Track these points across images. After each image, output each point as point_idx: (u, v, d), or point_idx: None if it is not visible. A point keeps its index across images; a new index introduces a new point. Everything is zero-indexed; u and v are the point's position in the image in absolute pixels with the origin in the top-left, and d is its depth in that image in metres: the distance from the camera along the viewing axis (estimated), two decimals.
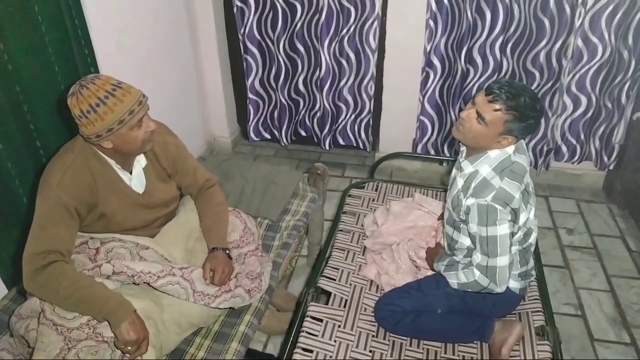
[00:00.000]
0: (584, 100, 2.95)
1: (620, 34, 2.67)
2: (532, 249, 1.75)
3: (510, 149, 1.58)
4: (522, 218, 1.58)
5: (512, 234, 1.59)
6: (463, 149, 1.71)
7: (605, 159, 3.03)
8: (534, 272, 1.80)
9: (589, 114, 2.99)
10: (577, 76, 2.88)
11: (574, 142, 3.10)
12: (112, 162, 1.57)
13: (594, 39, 2.73)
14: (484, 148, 1.59)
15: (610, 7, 2.62)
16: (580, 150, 3.12)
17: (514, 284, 1.72)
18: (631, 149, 2.90)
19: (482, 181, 1.57)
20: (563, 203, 3.15)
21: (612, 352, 2.19)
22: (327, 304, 1.81)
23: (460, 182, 1.66)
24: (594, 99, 2.93)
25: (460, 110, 2.95)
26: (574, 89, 2.92)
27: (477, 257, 1.59)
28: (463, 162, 1.66)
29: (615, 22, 2.65)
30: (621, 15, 2.63)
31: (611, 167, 3.07)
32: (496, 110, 1.49)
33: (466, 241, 1.68)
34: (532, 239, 1.71)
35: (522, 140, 1.65)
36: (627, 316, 2.35)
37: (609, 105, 2.89)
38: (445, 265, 1.72)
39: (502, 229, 1.53)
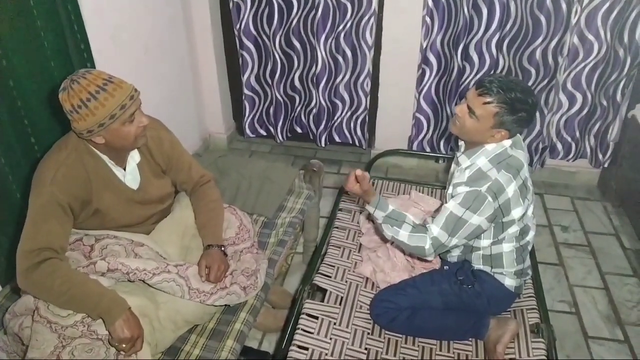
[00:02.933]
0: (579, 97, 2.96)
1: (615, 32, 2.68)
2: (529, 247, 1.76)
3: (507, 143, 1.59)
4: (517, 212, 1.58)
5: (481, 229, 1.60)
6: (461, 143, 1.71)
7: (600, 156, 3.04)
8: (530, 272, 1.81)
9: (585, 112, 3.00)
10: (572, 74, 2.88)
11: (569, 139, 3.11)
12: (105, 158, 1.56)
13: (590, 37, 2.74)
14: (479, 142, 1.60)
15: (606, 5, 2.62)
16: (575, 148, 3.13)
17: (510, 282, 1.72)
18: (626, 146, 2.91)
19: (477, 171, 1.58)
20: (558, 200, 3.16)
21: (606, 349, 2.20)
22: (322, 301, 1.81)
23: (457, 177, 1.66)
24: (589, 96, 2.94)
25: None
26: (569, 86, 2.93)
27: (435, 230, 1.58)
28: (460, 156, 1.67)
29: (611, 20, 2.66)
30: (617, 13, 2.63)
31: (606, 165, 3.08)
32: (485, 103, 1.50)
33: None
34: (530, 237, 1.71)
35: (519, 136, 1.65)
36: (620, 313, 2.36)
37: (604, 103, 2.89)
38: (387, 216, 1.64)
39: (476, 219, 1.55)
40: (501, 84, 1.48)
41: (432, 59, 2.96)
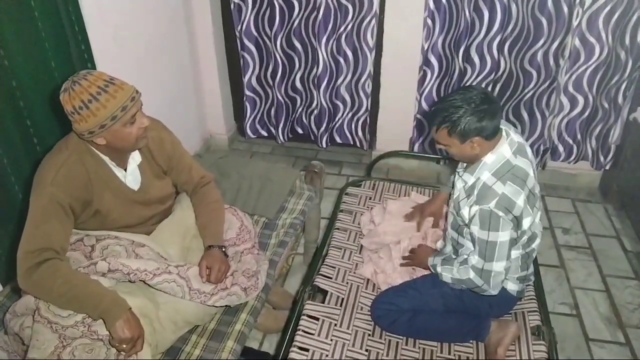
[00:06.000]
0: (580, 100, 2.95)
1: (617, 34, 2.68)
2: (534, 254, 1.75)
3: (507, 152, 1.57)
4: (527, 222, 1.57)
5: (515, 241, 1.60)
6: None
7: (602, 158, 3.04)
8: (532, 277, 1.81)
9: (586, 114, 3.00)
10: (574, 76, 2.88)
11: (571, 141, 3.11)
12: (106, 159, 1.56)
13: (592, 39, 2.73)
14: (474, 160, 1.61)
15: (608, 8, 2.62)
16: (576, 150, 3.12)
17: (512, 287, 1.72)
18: (627, 149, 2.91)
19: (483, 187, 1.56)
20: (559, 203, 3.15)
21: (607, 351, 2.20)
22: (323, 302, 1.81)
23: (462, 190, 1.66)
24: (590, 98, 2.94)
25: None
26: (571, 88, 2.93)
27: (474, 259, 1.60)
28: (464, 174, 1.66)
29: (613, 23, 2.66)
30: (618, 15, 2.63)
31: (607, 167, 3.07)
32: (437, 131, 1.56)
33: (470, 245, 1.68)
34: (535, 244, 1.70)
35: (525, 143, 1.64)
36: (622, 316, 2.36)
37: (606, 105, 2.89)
38: (442, 259, 1.73)
39: (503, 236, 1.53)
40: (434, 109, 1.55)
41: (434, 60, 2.96)
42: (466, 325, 1.71)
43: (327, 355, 1.62)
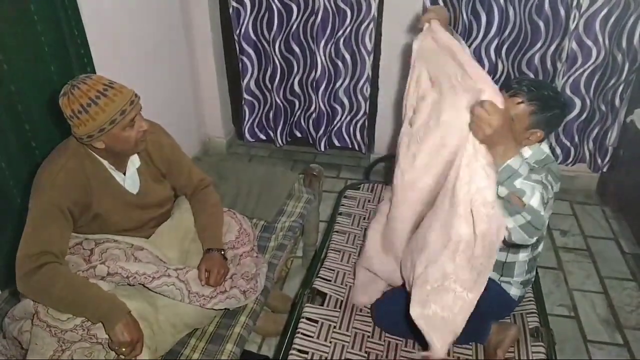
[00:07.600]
0: (578, 102, 2.96)
1: (614, 37, 2.69)
2: (538, 258, 1.75)
3: (546, 149, 1.58)
4: (545, 216, 1.57)
5: None
6: None
7: (599, 161, 3.04)
8: (532, 280, 1.81)
9: (583, 117, 3.01)
10: (571, 79, 2.89)
11: (568, 144, 3.12)
12: (105, 162, 1.56)
13: (589, 42, 2.75)
14: None
15: (605, 11, 2.63)
16: (574, 152, 3.13)
17: (515, 292, 1.73)
18: (625, 151, 2.92)
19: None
20: (557, 205, 3.14)
21: (605, 353, 2.20)
22: (322, 305, 1.81)
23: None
24: (588, 101, 2.95)
25: None
26: (568, 91, 2.93)
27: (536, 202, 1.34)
28: None
29: (610, 25, 2.67)
30: (615, 18, 2.64)
31: (605, 169, 3.08)
32: (519, 103, 1.48)
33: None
34: (541, 248, 1.71)
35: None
36: (620, 317, 2.36)
37: (603, 107, 2.90)
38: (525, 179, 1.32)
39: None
40: (531, 83, 1.49)
41: None
42: (468, 328, 1.70)
43: (326, 358, 1.62)
